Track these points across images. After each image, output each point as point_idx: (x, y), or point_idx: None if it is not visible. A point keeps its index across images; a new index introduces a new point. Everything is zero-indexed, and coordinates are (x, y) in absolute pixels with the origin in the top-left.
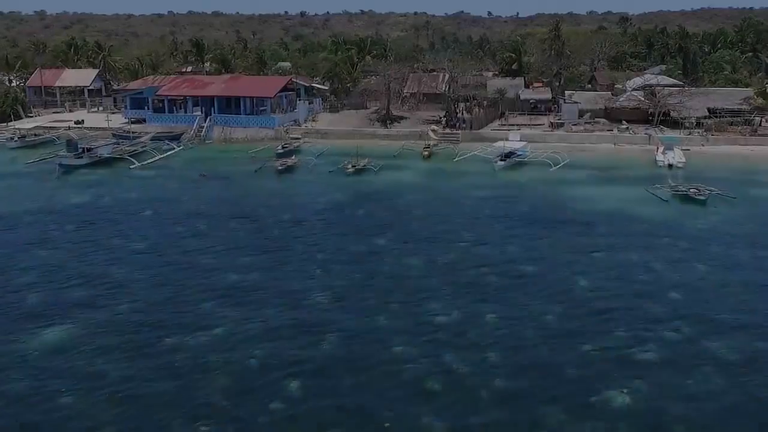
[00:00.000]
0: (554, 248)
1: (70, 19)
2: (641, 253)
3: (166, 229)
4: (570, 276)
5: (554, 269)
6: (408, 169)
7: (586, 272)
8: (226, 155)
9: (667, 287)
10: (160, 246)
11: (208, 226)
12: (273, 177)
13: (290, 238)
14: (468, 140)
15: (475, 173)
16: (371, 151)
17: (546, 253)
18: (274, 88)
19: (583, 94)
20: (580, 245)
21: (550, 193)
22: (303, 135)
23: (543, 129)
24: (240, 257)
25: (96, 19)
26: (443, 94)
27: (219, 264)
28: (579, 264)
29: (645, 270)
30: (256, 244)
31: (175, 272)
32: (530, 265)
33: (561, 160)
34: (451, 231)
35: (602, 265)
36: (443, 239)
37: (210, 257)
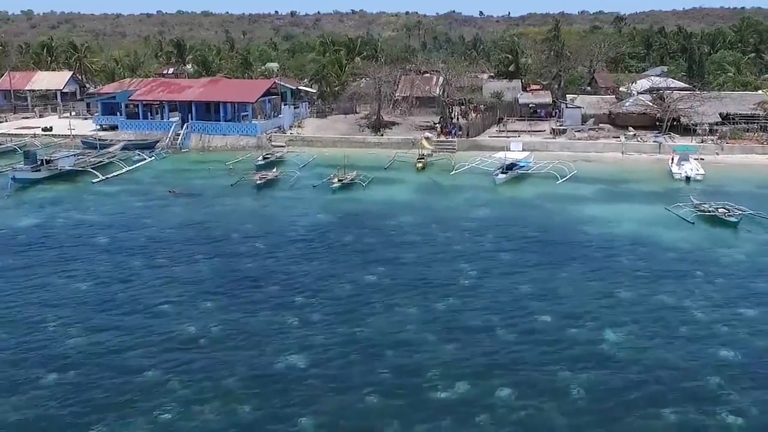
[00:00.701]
0: (572, 288)
1: (57, 19)
2: (674, 293)
3: (120, 263)
4: (595, 330)
5: (576, 320)
6: (400, 184)
7: (614, 323)
8: (202, 167)
9: (715, 344)
10: (107, 286)
11: (169, 257)
12: (250, 193)
13: (264, 274)
14: (464, 148)
15: (474, 188)
16: (360, 160)
17: (563, 295)
18: (256, 93)
19: (586, 98)
20: (601, 284)
21: (559, 212)
22: (287, 143)
23: (544, 136)
24: (202, 301)
25: (84, 18)
26: (437, 98)
27: (175, 311)
28: (603, 311)
29: (683, 319)
30: (224, 282)
31: (119, 324)
32: (546, 314)
33: (567, 172)
34: (450, 265)
35: (631, 312)
36: (441, 277)
37: (165, 301)
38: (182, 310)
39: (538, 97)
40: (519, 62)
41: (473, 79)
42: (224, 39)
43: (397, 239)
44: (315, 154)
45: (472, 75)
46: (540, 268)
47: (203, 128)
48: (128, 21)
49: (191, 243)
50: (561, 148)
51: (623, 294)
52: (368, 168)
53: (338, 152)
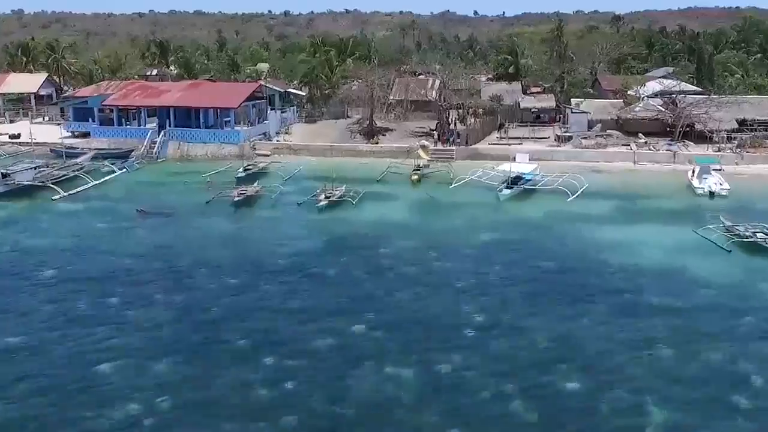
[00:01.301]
0: (598, 340)
1: (48, 19)
2: (722, 347)
3: (60, 303)
4: (635, 402)
5: (609, 387)
6: (394, 200)
7: (655, 390)
8: (178, 179)
9: None
10: (34, 336)
11: (123, 297)
12: (227, 212)
13: (232, 321)
14: (463, 157)
15: (476, 205)
16: (351, 172)
17: (589, 350)
18: (240, 97)
19: (592, 102)
20: (632, 333)
21: (573, 236)
22: (273, 151)
23: (548, 143)
24: (153, 363)
25: (75, 18)
26: (434, 103)
27: (117, 377)
28: (640, 374)
29: (738, 387)
30: (183, 333)
31: (47, 394)
32: (572, 377)
33: (578, 187)
34: (453, 308)
35: (673, 376)
36: (442, 325)
37: (108, 359)
38: (126, 376)
39: (541, 101)
40: (519, 64)
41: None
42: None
43: (389, 272)
44: (302, 165)
45: (469, 77)
46: (558, 312)
47: (182, 136)
48: (120, 20)
49: (152, 277)
50: (567, 157)
51: (660, 348)
52: (359, 181)
53: (327, 162)
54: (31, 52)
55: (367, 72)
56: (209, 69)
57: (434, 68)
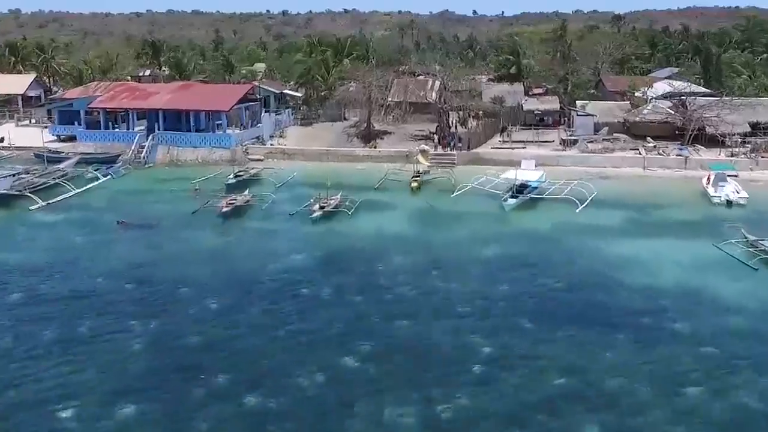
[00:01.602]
0: (621, 378)
1: (45, 18)
2: (757, 383)
3: (23, 335)
4: None
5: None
6: (393, 210)
7: None
8: (165, 186)
9: None
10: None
11: (92, 324)
12: (214, 225)
13: (211, 352)
14: (465, 162)
15: (480, 216)
16: (347, 178)
17: (607, 386)
18: (231, 99)
19: (598, 104)
20: (655, 366)
21: (584, 252)
22: (266, 156)
23: (553, 147)
24: (119, 405)
25: (72, 18)
26: (433, 105)
27: (78, 424)
28: (665, 417)
29: None
30: (156, 369)
31: None
32: (589, 421)
33: (587, 195)
34: (456, 338)
35: (703, 417)
36: (445, 359)
37: (68, 401)
38: (86, 421)
39: (544, 103)
40: (521, 64)
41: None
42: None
43: (387, 294)
44: (296, 170)
45: (470, 78)
46: (571, 340)
47: (171, 140)
48: (118, 20)
49: (127, 300)
50: (573, 162)
51: (687, 384)
52: (356, 188)
53: (323, 167)
54: (20, 52)
55: (364, 73)
56: (204, 69)
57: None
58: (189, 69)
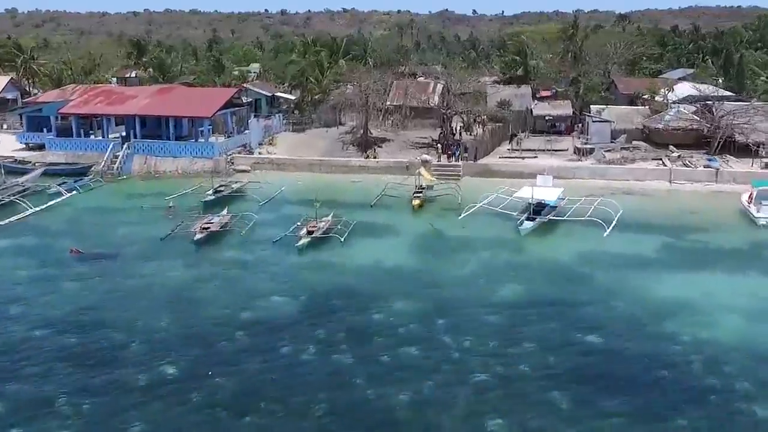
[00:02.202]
0: None
1: (42, 17)
2: None
3: None
4: None
5: None
6: (391, 234)
7: None
8: (137, 203)
9: None
10: None
11: (9, 401)
12: (183, 254)
13: None
14: (471, 174)
15: (492, 243)
16: (342, 193)
17: None
18: (214, 104)
19: (614, 109)
20: None
21: (620, 292)
22: (253, 166)
23: (567, 157)
24: None
25: (69, 17)
26: (436, 109)
27: None
28: None
29: None
30: None
31: None
32: None
33: (613, 214)
34: (469, 421)
35: None
36: None
37: None
38: None
39: (556, 107)
40: (528, 65)
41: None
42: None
43: (383, 354)
44: (285, 184)
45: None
46: (619, 429)
47: (148, 149)
48: (114, 19)
49: (62, 360)
50: (592, 174)
51: None
52: (350, 205)
53: (315, 179)
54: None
55: (361, 75)
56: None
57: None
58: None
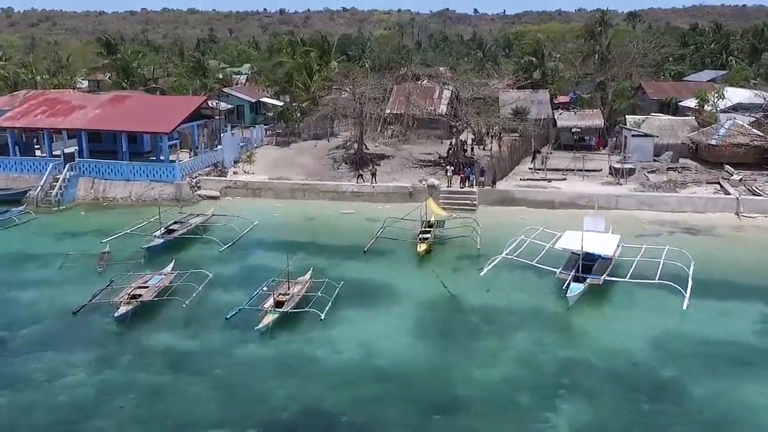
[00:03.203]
0: None
1: (37, 17)
2: None
3: None
4: None
5: None
6: (389, 302)
7: None
8: (65, 246)
9: None
10: None
11: None
12: (95, 344)
13: None
14: (489, 202)
15: (527, 318)
16: (329, 230)
17: None
18: (176, 117)
19: (654, 121)
20: None
21: (729, 419)
22: (223, 191)
23: (602, 179)
24: None
25: (65, 16)
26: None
27: None
28: None
29: None
30: None
31: None
32: None
33: (686, 269)
34: None
35: None
36: None
37: None
38: None
39: (584, 118)
40: (546, 67)
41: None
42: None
43: None
44: (259, 216)
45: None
46: None
47: (96, 170)
48: (111, 19)
49: None
50: (639, 203)
51: None
52: (338, 250)
53: (297, 209)
54: None
55: (355, 78)
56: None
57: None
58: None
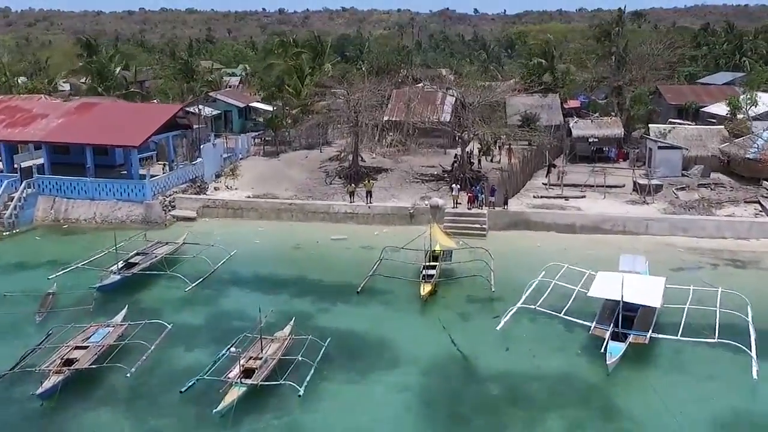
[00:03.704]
0: None
1: (35, 16)
2: None
3: None
4: None
5: None
6: (387, 363)
7: None
8: (4, 284)
9: None
10: None
11: None
12: None
13: None
14: (501, 227)
15: (556, 386)
16: (316, 263)
17: None
18: (147, 128)
19: (680, 131)
20: None
21: None
22: (201, 211)
23: (625, 196)
24: None
25: (62, 16)
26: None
27: None
28: None
29: None
30: None
31: None
32: None
33: (743, 318)
34: None
35: None
36: None
37: None
38: None
39: (602, 126)
40: (555, 69)
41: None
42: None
43: None
44: (238, 243)
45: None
46: None
47: (58, 188)
48: (109, 18)
49: None
50: (672, 228)
51: None
52: (326, 289)
53: (282, 233)
54: None
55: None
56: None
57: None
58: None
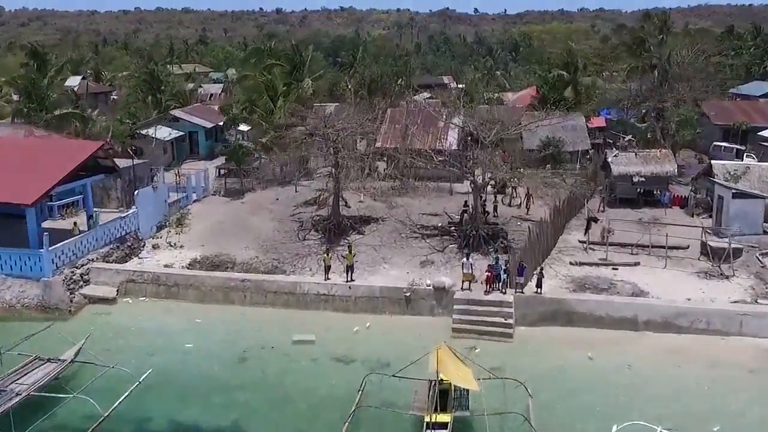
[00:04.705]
0: None
1: (28, 16)
2: None
3: None
4: None
5: None
6: None
7: None
8: None
9: None
10: None
11: None
12: None
13: None
14: (532, 320)
15: None
16: (267, 395)
17: None
18: (50, 176)
19: (755, 168)
20: None
21: None
22: (123, 287)
23: (696, 265)
24: None
25: (56, 16)
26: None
27: None
28: None
29: None
30: None
31: None
32: None
33: None
34: None
35: None
36: None
37: None
38: None
39: (649, 162)
40: (579, 84)
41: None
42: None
43: None
44: (157, 351)
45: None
46: None
47: None
48: (104, 18)
49: None
50: None
51: None
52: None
53: (226, 327)
54: None
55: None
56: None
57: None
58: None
